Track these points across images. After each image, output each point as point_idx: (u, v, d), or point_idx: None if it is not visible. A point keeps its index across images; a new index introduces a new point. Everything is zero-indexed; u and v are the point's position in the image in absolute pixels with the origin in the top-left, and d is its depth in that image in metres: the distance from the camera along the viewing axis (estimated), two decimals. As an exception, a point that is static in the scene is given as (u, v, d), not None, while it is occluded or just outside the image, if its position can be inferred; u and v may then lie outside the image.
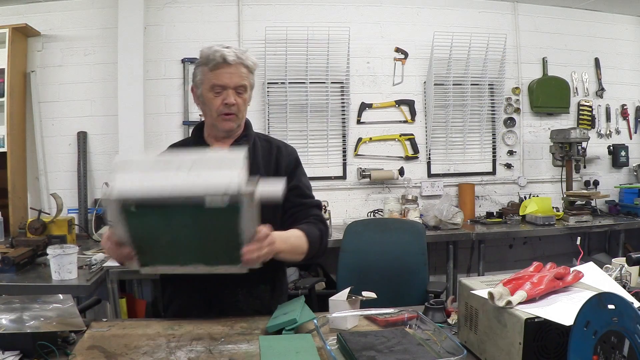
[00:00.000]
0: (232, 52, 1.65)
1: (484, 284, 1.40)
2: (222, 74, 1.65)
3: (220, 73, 1.65)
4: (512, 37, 4.20)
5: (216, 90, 1.67)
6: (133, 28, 3.58)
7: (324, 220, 1.81)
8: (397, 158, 4.10)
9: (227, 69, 1.65)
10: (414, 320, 1.52)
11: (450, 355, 1.25)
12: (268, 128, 3.84)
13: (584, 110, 4.36)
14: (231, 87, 1.66)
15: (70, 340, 1.45)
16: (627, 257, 1.56)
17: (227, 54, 1.64)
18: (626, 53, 4.47)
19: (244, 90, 1.69)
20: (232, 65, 1.65)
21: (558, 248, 4.27)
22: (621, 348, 0.97)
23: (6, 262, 2.47)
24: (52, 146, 3.72)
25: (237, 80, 1.66)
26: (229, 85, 1.65)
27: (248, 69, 1.68)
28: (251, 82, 1.72)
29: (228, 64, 1.64)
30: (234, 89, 1.66)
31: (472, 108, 4.14)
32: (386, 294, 2.18)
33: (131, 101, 3.56)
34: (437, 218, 3.58)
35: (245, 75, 1.68)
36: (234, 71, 1.65)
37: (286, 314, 1.57)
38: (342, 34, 3.83)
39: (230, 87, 1.66)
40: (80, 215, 3.63)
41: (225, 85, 1.66)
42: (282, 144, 1.84)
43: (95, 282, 2.44)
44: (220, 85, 1.66)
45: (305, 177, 1.84)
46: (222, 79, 1.65)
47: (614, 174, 4.46)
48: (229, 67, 1.65)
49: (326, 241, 1.79)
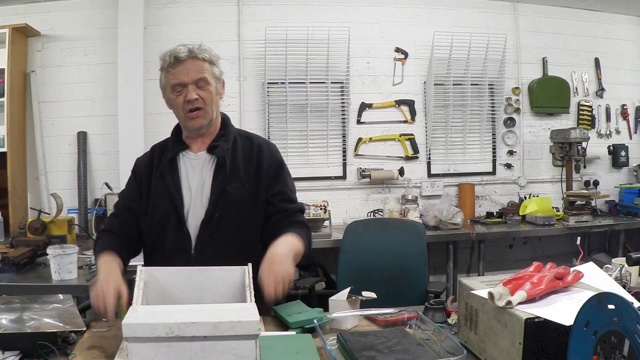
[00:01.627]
0: (185, 48, 1.64)
1: (484, 284, 1.40)
2: (178, 72, 1.64)
3: (175, 72, 1.64)
4: (512, 37, 4.20)
5: (177, 90, 1.66)
6: (133, 28, 3.58)
7: (307, 225, 1.79)
8: (397, 158, 4.10)
9: (181, 66, 1.64)
10: (414, 320, 1.52)
11: (450, 355, 1.25)
12: (268, 128, 3.84)
13: (584, 110, 4.36)
14: (189, 83, 1.64)
15: (70, 340, 1.45)
16: (627, 257, 1.56)
17: (177, 52, 1.63)
18: (626, 53, 4.46)
19: (205, 83, 1.66)
20: (186, 61, 1.64)
21: (558, 248, 4.27)
22: (621, 348, 0.97)
23: (6, 262, 2.47)
24: (52, 146, 3.72)
25: (193, 75, 1.64)
26: (186, 82, 1.64)
27: (205, 61, 1.66)
28: (214, 73, 1.69)
29: (180, 61, 1.63)
30: (193, 84, 1.64)
31: (472, 108, 4.14)
32: (386, 294, 2.19)
33: (131, 101, 3.56)
34: (437, 218, 3.57)
35: (204, 68, 1.66)
36: (189, 67, 1.64)
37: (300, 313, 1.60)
38: (342, 34, 3.83)
39: (189, 82, 1.64)
40: (80, 215, 3.63)
41: (182, 82, 1.64)
42: (263, 143, 1.81)
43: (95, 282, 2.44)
44: (178, 83, 1.65)
45: (289, 178, 1.82)
46: (178, 76, 1.64)
47: (614, 174, 4.45)
48: (183, 64, 1.64)
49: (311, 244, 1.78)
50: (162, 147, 1.81)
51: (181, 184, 1.71)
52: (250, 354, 1.19)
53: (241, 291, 1.40)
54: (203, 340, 1.18)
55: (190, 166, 1.74)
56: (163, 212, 1.69)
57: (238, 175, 1.71)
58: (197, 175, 1.72)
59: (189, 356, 1.18)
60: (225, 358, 1.19)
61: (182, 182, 1.71)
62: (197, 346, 1.18)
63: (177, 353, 1.18)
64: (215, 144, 1.73)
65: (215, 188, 1.68)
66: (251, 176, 1.72)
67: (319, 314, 1.58)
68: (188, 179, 1.72)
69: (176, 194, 1.68)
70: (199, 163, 1.73)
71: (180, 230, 1.67)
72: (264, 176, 1.74)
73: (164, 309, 1.24)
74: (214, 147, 1.72)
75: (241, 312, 1.22)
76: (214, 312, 1.22)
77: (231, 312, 1.22)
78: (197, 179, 1.72)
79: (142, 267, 1.44)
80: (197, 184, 1.71)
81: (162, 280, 1.43)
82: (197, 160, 1.74)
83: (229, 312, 1.22)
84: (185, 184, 1.71)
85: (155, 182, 1.73)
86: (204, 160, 1.73)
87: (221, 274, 1.46)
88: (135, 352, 1.17)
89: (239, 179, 1.70)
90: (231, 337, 1.19)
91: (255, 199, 1.72)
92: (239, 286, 1.43)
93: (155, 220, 1.71)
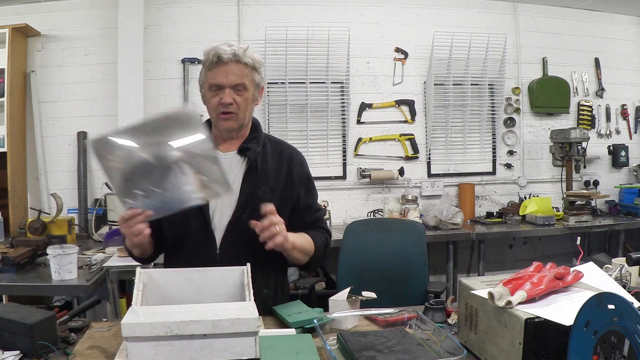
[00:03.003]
0: (230, 49, 1.61)
1: (484, 284, 1.40)
2: (218, 73, 1.62)
3: (216, 72, 1.62)
4: (512, 37, 4.20)
5: (214, 90, 1.64)
6: (133, 28, 3.58)
7: (328, 230, 1.86)
8: (397, 158, 4.10)
9: (223, 67, 1.61)
10: (414, 320, 1.52)
11: (450, 355, 1.24)
12: (268, 128, 3.84)
13: (584, 110, 4.36)
14: (227, 86, 1.62)
15: (70, 340, 1.45)
16: (627, 257, 1.56)
17: (222, 52, 1.60)
18: (626, 53, 4.47)
19: (243, 88, 1.64)
20: (228, 64, 1.61)
21: (558, 248, 4.27)
22: (621, 348, 0.97)
23: (6, 262, 2.47)
24: (52, 146, 3.72)
25: (233, 79, 1.62)
26: (224, 84, 1.62)
27: (247, 66, 1.63)
28: (254, 79, 1.67)
29: (223, 62, 1.61)
30: (231, 87, 1.62)
31: (472, 108, 4.14)
32: (386, 294, 2.19)
33: (131, 101, 3.56)
34: (437, 218, 3.58)
35: (245, 73, 1.63)
36: (231, 69, 1.61)
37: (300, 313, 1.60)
38: (342, 34, 3.83)
39: (227, 85, 1.62)
40: (80, 215, 3.63)
41: (221, 84, 1.62)
42: (294, 151, 1.81)
43: (95, 282, 2.44)
44: (216, 84, 1.63)
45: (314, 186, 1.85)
46: (218, 77, 1.62)
47: (614, 174, 4.46)
48: (225, 66, 1.61)
49: (329, 249, 1.83)
50: None
51: None
52: (249, 352, 1.19)
53: (240, 291, 1.40)
54: (202, 339, 1.18)
55: None
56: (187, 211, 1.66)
57: (267, 180, 1.70)
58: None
59: (189, 355, 1.18)
60: (225, 356, 1.19)
61: None
62: (197, 345, 1.18)
63: (177, 352, 1.18)
64: (247, 146, 1.71)
65: (245, 190, 1.67)
66: (281, 182, 1.72)
67: (319, 314, 1.58)
68: None
69: None
70: (227, 163, 1.69)
71: (205, 230, 1.66)
72: (295, 186, 1.74)
73: (163, 309, 1.24)
74: (246, 148, 1.70)
75: (240, 310, 1.22)
76: (212, 311, 1.22)
77: (230, 310, 1.22)
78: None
79: (140, 269, 1.44)
80: None
81: (161, 282, 1.43)
82: (226, 160, 1.70)
83: (227, 310, 1.22)
84: None
85: None
86: (234, 161, 1.71)
87: (220, 275, 1.46)
88: (135, 351, 1.17)
89: (268, 183, 1.70)
90: (230, 335, 1.19)
91: (282, 205, 1.69)
92: (238, 286, 1.43)
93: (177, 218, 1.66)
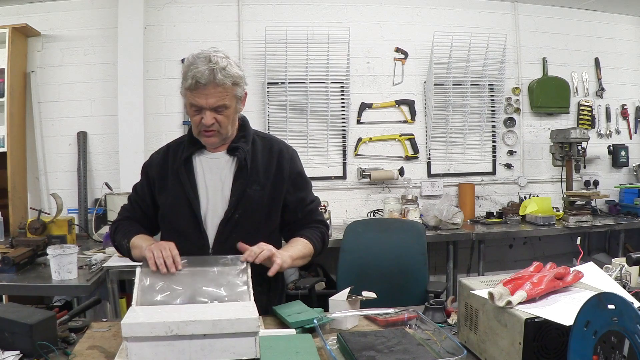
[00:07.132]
0: (207, 70, 1.54)
1: (484, 284, 1.40)
2: (198, 95, 1.58)
3: (195, 94, 1.58)
4: (512, 37, 4.20)
5: (194, 109, 1.61)
6: (133, 28, 3.58)
7: (324, 221, 1.86)
8: (397, 158, 4.10)
9: (202, 90, 1.56)
10: (414, 320, 1.52)
11: (450, 355, 1.25)
12: (268, 128, 3.84)
13: (584, 110, 4.36)
14: (207, 109, 1.59)
15: (70, 340, 1.45)
16: (627, 257, 1.56)
17: (199, 76, 1.54)
18: (626, 53, 4.46)
19: (224, 108, 1.61)
20: (207, 86, 1.55)
21: (558, 248, 4.27)
22: (621, 348, 0.97)
23: (6, 262, 2.47)
24: (52, 146, 3.72)
25: (212, 102, 1.58)
26: (204, 107, 1.59)
27: (225, 86, 1.58)
28: (236, 94, 1.63)
29: (202, 85, 1.55)
30: (211, 110, 1.59)
31: (472, 108, 4.14)
32: (386, 294, 2.19)
33: (131, 101, 3.56)
34: (437, 218, 3.58)
35: (224, 94, 1.58)
36: (210, 92, 1.56)
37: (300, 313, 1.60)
38: (342, 34, 3.83)
39: (207, 108, 1.59)
40: (80, 215, 3.63)
41: (201, 107, 1.59)
42: (284, 147, 1.81)
43: (95, 282, 2.44)
44: (196, 105, 1.60)
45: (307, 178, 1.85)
46: (198, 100, 1.58)
47: (614, 174, 4.45)
48: (204, 89, 1.56)
49: (327, 239, 1.86)
50: (178, 145, 1.79)
51: (197, 183, 1.70)
52: (249, 352, 1.19)
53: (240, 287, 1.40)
54: (202, 339, 1.18)
55: (207, 165, 1.72)
56: (179, 211, 1.69)
57: (258, 177, 1.71)
58: (215, 175, 1.71)
59: (189, 355, 1.18)
60: (225, 356, 1.19)
61: (198, 182, 1.70)
62: (197, 344, 1.18)
63: (177, 352, 1.18)
64: (236, 145, 1.71)
65: (235, 189, 1.68)
66: (270, 179, 1.72)
67: (319, 314, 1.58)
68: (204, 178, 1.71)
69: (192, 194, 1.67)
70: (216, 163, 1.72)
71: (197, 229, 1.67)
72: (285, 181, 1.75)
73: (163, 309, 1.24)
74: (235, 148, 1.71)
75: (240, 310, 1.22)
76: (212, 311, 1.22)
77: (230, 310, 1.22)
78: (215, 179, 1.71)
79: (140, 268, 1.44)
80: (215, 184, 1.70)
81: (161, 281, 1.43)
82: (215, 160, 1.72)
83: (227, 310, 1.22)
84: (201, 184, 1.70)
85: (170, 181, 1.72)
86: (223, 161, 1.72)
87: (220, 274, 1.46)
88: (135, 351, 1.17)
89: (259, 181, 1.70)
90: (230, 335, 1.19)
91: (273, 201, 1.73)
92: (238, 286, 1.43)
93: (171, 219, 1.72)
